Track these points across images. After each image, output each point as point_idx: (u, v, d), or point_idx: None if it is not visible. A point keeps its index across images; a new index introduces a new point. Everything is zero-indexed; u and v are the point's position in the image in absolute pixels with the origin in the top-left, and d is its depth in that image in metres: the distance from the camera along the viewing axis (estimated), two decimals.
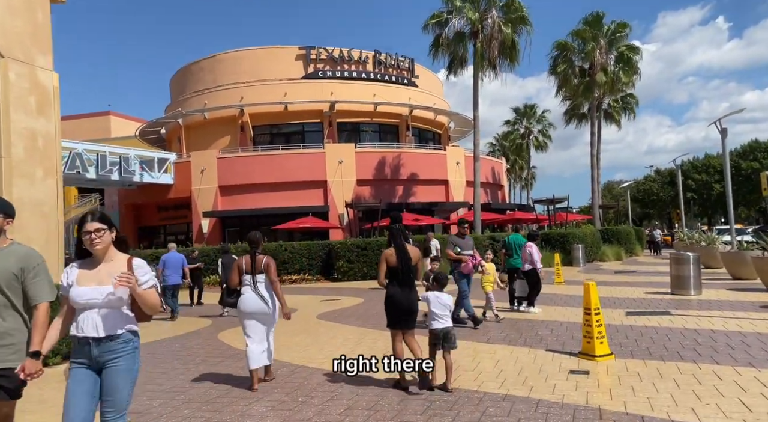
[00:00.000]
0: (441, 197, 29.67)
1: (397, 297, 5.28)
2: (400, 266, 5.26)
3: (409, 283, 5.31)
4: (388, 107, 31.10)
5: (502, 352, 6.94)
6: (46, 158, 7.76)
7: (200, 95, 31.68)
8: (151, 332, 9.97)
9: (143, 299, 3.04)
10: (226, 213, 27.73)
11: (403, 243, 5.35)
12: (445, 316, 5.34)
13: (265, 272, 5.72)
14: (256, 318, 5.70)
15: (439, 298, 5.40)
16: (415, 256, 5.39)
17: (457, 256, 8.91)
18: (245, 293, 5.72)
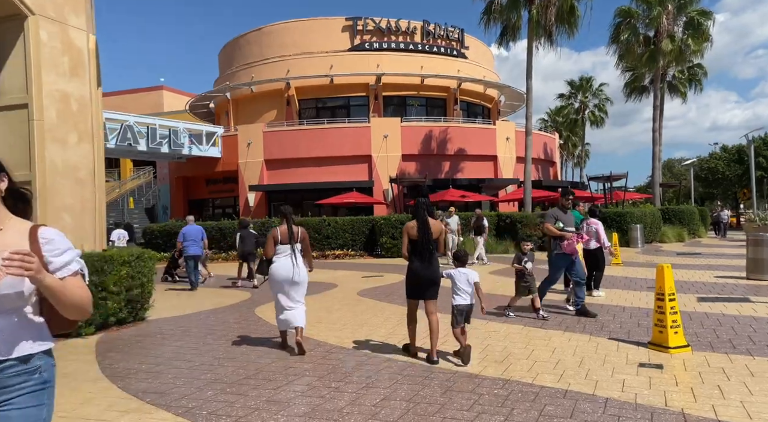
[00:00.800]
0: (489, 174, 28.57)
1: (417, 270, 5.36)
2: (421, 239, 5.33)
3: (430, 256, 5.37)
4: (435, 79, 30.01)
5: (558, 339, 6.24)
6: (80, 121, 7.51)
7: (247, 69, 31.56)
8: (190, 304, 9.81)
9: (59, 295, 1.78)
10: (272, 187, 27.70)
11: (426, 217, 5.39)
12: (466, 293, 5.40)
13: (301, 243, 6.07)
14: (290, 285, 5.91)
15: (464, 274, 5.45)
16: (437, 230, 5.45)
17: (559, 232, 7.51)
18: (280, 261, 5.93)
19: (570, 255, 7.58)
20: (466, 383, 4.64)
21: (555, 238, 7.59)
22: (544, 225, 7.74)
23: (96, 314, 6.93)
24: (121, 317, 7.34)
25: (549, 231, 7.66)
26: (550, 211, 8.03)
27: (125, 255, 7.40)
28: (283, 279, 5.85)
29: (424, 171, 26.67)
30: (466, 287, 5.39)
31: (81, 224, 7.45)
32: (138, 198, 40.23)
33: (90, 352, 6.00)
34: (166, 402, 4.23)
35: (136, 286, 7.54)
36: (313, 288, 11.21)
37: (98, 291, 6.93)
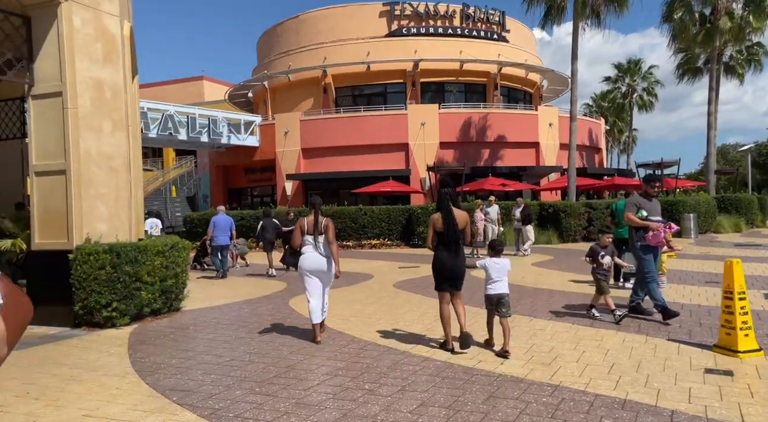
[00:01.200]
0: (531, 161, 27.68)
1: (443, 261, 5.33)
2: (446, 230, 5.28)
3: (456, 247, 5.31)
4: (475, 64, 29.18)
5: (611, 340, 5.76)
6: (114, 109, 7.42)
7: (284, 57, 31.51)
8: (224, 293, 9.73)
9: None
10: (308, 176, 27.68)
11: (450, 207, 5.33)
12: (501, 282, 5.36)
13: (324, 233, 5.99)
14: (316, 276, 6.00)
15: (498, 263, 5.41)
16: (463, 220, 5.38)
17: (642, 222, 6.73)
18: (306, 252, 5.99)
19: (656, 247, 6.80)
20: (512, 388, 4.26)
21: (638, 229, 6.83)
22: (626, 215, 6.91)
23: (130, 305, 6.87)
24: (156, 307, 7.27)
25: (631, 221, 6.85)
26: (631, 198, 7.21)
27: (159, 245, 7.31)
28: (310, 269, 5.96)
29: (462, 159, 26.05)
30: (500, 277, 5.36)
31: (116, 214, 7.40)
32: (180, 187, 41.11)
33: (122, 344, 5.92)
34: (192, 401, 4.03)
35: (170, 276, 7.45)
36: (348, 279, 11.03)
37: (132, 281, 6.86)
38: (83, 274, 6.55)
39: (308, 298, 6.00)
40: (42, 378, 4.68)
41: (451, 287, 5.40)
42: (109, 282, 6.62)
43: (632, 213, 6.83)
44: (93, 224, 7.09)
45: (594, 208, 20.14)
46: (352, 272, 12.45)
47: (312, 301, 5.96)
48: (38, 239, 7.02)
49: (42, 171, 6.98)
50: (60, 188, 6.89)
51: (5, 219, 7.34)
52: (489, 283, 5.41)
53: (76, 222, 6.88)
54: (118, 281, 6.68)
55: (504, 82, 30.73)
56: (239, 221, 21.83)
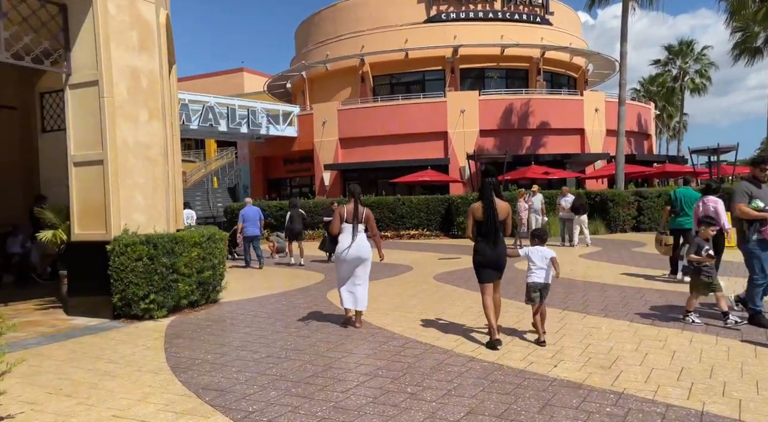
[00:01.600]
0: (575, 148, 26.64)
1: (483, 250, 5.23)
2: (486, 220, 5.16)
3: (495, 237, 5.19)
4: (517, 49, 28.21)
5: (676, 340, 5.25)
6: (150, 98, 7.32)
7: (322, 46, 31.34)
8: (262, 285, 9.61)
9: None
10: (346, 166, 27.51)
11: (492, 197, 5.19)
12: (541, 270, 5.31)
13: (365, 223, 6.10)
14: (353, 263, 6.02)
15: (541, 251, 5.36)
16: (504, 211, 5.25)
17: (759, 213, 5.78)
18: (345, 240, 6.03)
19: None
20: (569, 395, 3.86)
21: (752, 222, 5.85)
22: (736, 205, 5.94)
23: (168, 297, 6.77)
24: (193, 299, 7.17)
25: (745, 214, 5.86)
26: (739, 186, 6.12)
27: (196, 236, 7.19)
28: (347, 257, 5.99)
29: (503, 147, 25.30)
30: (542, 265, 5.31)
31: (153, 204, 7.31)
32: (221, 178, 41.79)
33: (159, 337, 5.80)
34: (225, 402, 3.81)
35: (207, 268, 7.33)
36: (387, 271, 10.76)
37: (169, 273, 6.76)
38: (121, 265, 6.48)
39: (340, 283, 6.14)
40: (77, 373, 4.58)
41: (493, 277, 5.31)
42: (146, 274, 6.53)
43: (744, 204, 5.89)
44: (130, 214, 7.02)
45: (644, 196, 19.15)
46: (390, 264, 12.20)
47: (343, 288, 6.09)
48: (77, 229, 7.01)
49: (80, 161, 6.95)
50: (98, 179, 6.84)
51: (46, 210, 7.37)
52: (531, 271, 5.36)
53: (113, 213, 6.81)
54: (155, 272, 6.59)
55: (547, 66, 29.63)
56: (278, 211, 21.89)
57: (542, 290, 5.29)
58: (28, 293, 9.15)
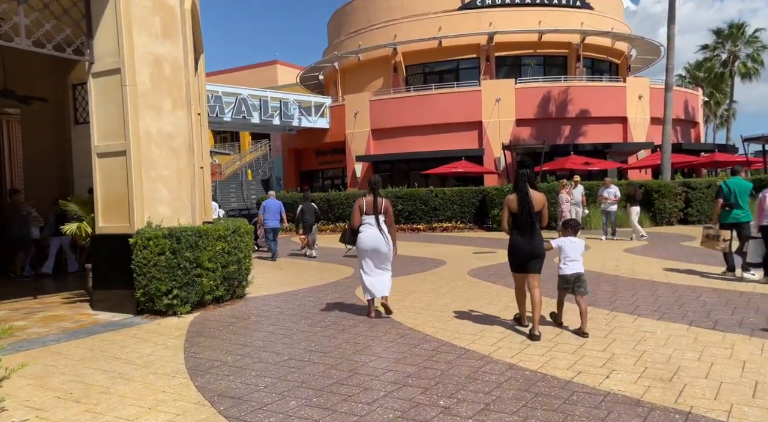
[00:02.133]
0: (617, 137, 25.49)
1: (518, 243, 5.24)
2: (521, 212, 5.16)
3: (532, 228, 5.16)
4: (555, 35, 27.14)
5: (745, 348, 4.67)
6: (174, 87, 7.08)
7: (354, 36, 30.94)
8: (289, 279, 9.34)
9: None
10: (378, 157, 27.13)
11: (527, 189, 5.18)
12: (577, 261, 5.30)
13: (384, 214, 6.09)
14: (374, 255, 6.09)
15: (574, 242, 5.39)
16: (539, 202, 5.24)
17: None
18: (366, 231, 6.07)
19: None
20: (627, 414, 3.38)
21: None
22: None
23: (191, 292, 6.55)
24: (218, 295, 6.93)
25: None
26: None
27: (221, 229, 6.94)
28: (369, 248, 6.05)
29: (540, 137, 24.43)
30: (575, 257, 5.32)
31: (178, 197, 7.09)
32: (255, 170, 42.13)
33: (180, 335, 5.57)
34: (240, 413, 3.49)
35: (232, 262, 7.08)
36: (419, 266, 10.36)
37: (193, 268, 6.53)
38: (143, 260, 6.28)
39: (362, 275, 6.17)
40: (91, 375, 4.36)
41: (528, 269, 5.27)
42: (169, 269, 6.32)
43: None
44: (154, 207, 6.81)
45: (693, 187, 18.11)
46: (422, 258, 11.80)
47: (366, 278, 6.12)
48: (101, 222, 6.85)
49: (103, 152, 6.77)
50: (120, 170, 6.65)
51: (71, 202, 7.25)
52: (564, 263, 5.35)
53: (136, 205, 6.62)
54: (178, 267, 6.37)
55: (587, 52, 28.43)
56: None
57: (575, 281, 5.28)
58: (61, 285, 9.16)
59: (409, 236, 17.66)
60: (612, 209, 14.22)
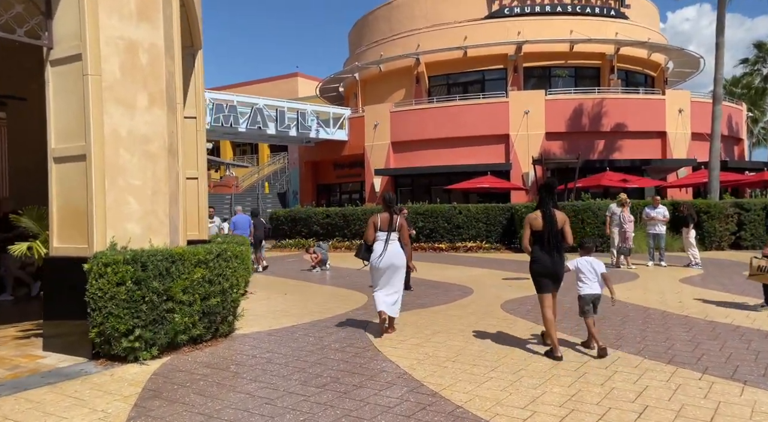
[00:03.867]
0: (655, 153, 23.76)
1: (542, 261, 5.21)
2: (546, 230, 5.14)
3: (556, 247, 5.16)
4: (588, 45, 25.68)
5: None
6: (152, 79, 5.89)
7: (376, 46, 29.92)
8: (291, 309, 7.96)
9: None
10: (398, 171, 25.82)
11: (551, 207, 5.20)
12: (592, 282, 5.28)
13: (398, 232, 6.12)
14: (388, 271, 6.09)
15: (591, 263, 5.35)
16: (561, 220, 5.23)
17: None
18: (378, 248, 6.08)
19: None
20: None
21: None
22: None
23: (160, 331, 5.24)
24: (196, 334, 5.61)
25: None
26: None
27: (201, 253, 5.64)
28: (381, 265, 6.06)
29: (572, 151, 22.87)
30: (591, 277, 5.32)
31: (151, 211, 5.84)
32: (273, 183, 41.24)
33: (131, 395, 4.24)
34: None
35: (215, 293, 5.76)
36: (443, 294, 8.92)
37: (162, 301, 5.23)
38: (98, 291, 5.00)
39: (375, 290, 6.17)
40: None
41: (552, 287, 5.29)
42: (130, 303, 5.02)
43: None
44: (121, 224, 5.56)
45: (746, 209, 16.35)
46: (446, 284, 10.37)
47: (379, 293, 6.11)
48: (57, 242, 5.61)
49: (60, 156, 5.56)
50: (79, 178, 5.42)
51: (24, 215, 6.03)
52: (581, 283, 5.34)
53: (97, 221, 5.37)
54: (142, 301, 5.07)
55: (621, 64, 26.86)
56: (325, 219, 20.49)
57: (594, 302, 5.31)
58: (23, 313, 7.92)
59: (431, 257, 16.20)
60: (661, 231, 12.61)
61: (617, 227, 12.54)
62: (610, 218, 12.82)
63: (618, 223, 12.53)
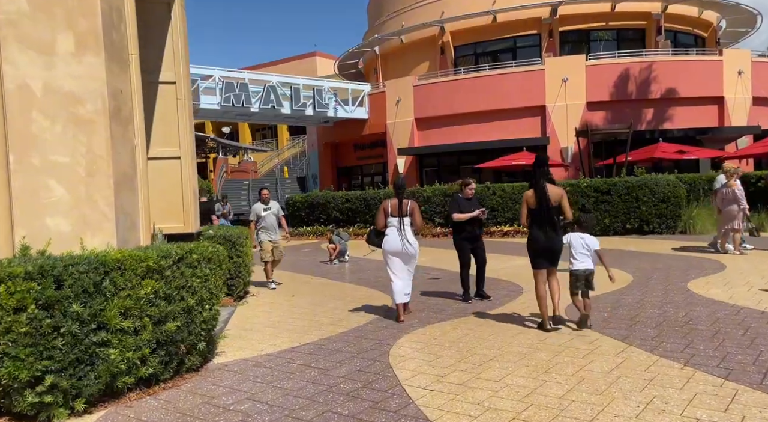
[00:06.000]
0: (711, 121, 21.24)
1: (537, 238, 5.36)
2: (539, 207, 5.30)
3: (551, 223, 5.29)
4: (631, 3, 23.11)
5: None
6: (79, 14, 4.18)
7: (396, 16, 27.75)
8: (294, 322, 6.24)
9: None
10: (423, 150, 23.88)
11: (543, 184, 5.30)
12: (585, 257, 5.35)
13: (410, 216, 6.07)
14: (400, 258, 6.04)
15: (583, 239, 5.39)
16: (556, 196, 5.31)
17: None
18: (391, 234, 6.04)
19: None
20: None
21: None
22: None
23: (89, 375, 3.59)
24: (147, 373, 3.94)
25: None
26: None
27: (152, 258, 3.95)
28: (393, 252, 6.03)
29: (616, 121, 20.55)
30: (584, 252, 5.35)
31: (86, 199, 4.18)
32: (293, 168, 39.72)
33: None
34: None
35: (174, 314, 4.07)
36: (488, 293, 7.00)
37: (90, 332, 3.57)
38: None
39: (391, 278, 6.08)
40: None
41: (548, 264, 5.39)
42: (36, 337, 3.38)
43: None
44: (39, 217, 3.93)
45: None
46: (489, 278, 8.47)
47: (395, 281, 6.01)
48: None
49: None
50: None
51: None
52: (573, 259, 5.39)
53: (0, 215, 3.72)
54: (56, 333, 3.42)
55: (668, 24, 24.18)
56: (345, 203, 18.79)
57: (587, 278, 5.34)
58: None
59: None
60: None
61: (732, 203, 10.20)
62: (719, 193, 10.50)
63: (732, 198, 10.21)
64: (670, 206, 14.15)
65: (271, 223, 8.63)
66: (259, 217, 8.65)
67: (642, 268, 9.10)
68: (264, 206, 8.71)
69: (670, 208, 14.15)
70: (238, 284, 7.49)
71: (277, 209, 8.84)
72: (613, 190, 14.38)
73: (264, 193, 8.87)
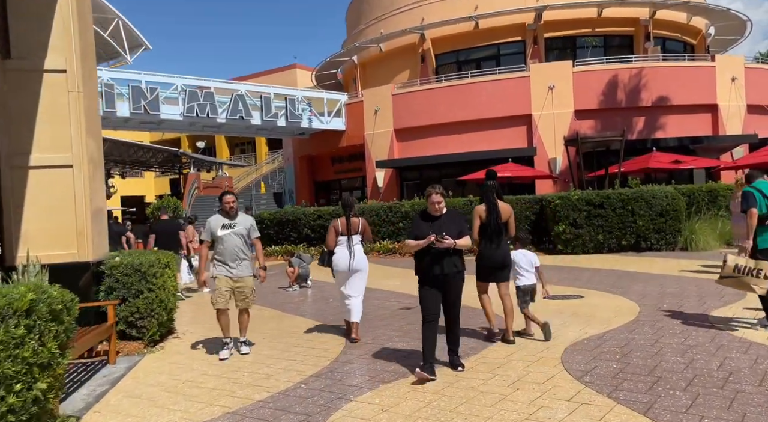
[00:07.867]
0: (705, 130, 20.17)
1: (487, 253, 5.42)
2: (489, 222, 5.39)
3: (499, 239, 5.41)
4: (619, 8, 22.19)
5: None
6: None
7: (376, 23, 26.61)
8: (238, 375, 4.67)
9: None
10: (403, 162, 22.53)
11: (495, 200, 5.46)
12: (529, 273, 5.56)
13: (362, 234, 6.04)
14: (350, 275, 5.95)
15: (525, 255, 5.62)
16: (506, 212, 5.50)
17: None
18: (339, 252, 5.94)
19: None
20: None
21: None
22: None
23: None
24: None
25: None
26: None
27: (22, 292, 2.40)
28: (343, 269, 5.92)
29: (605, 131, 19.36)
30: (528, 268, 5.56)
31: None
32: (270, 183, 38.16)
33: None
34: None
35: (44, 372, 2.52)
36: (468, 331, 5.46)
37: None
38: None
39: (344, 298, 5.99)
40: None
41: (495, 278, 5.48)
42: None
43: None
44: None
45: None
46: (467, 308, 6.89)
47: (349, 300, 5.92)
48: None
49: None
50: None
51: None
52: (519, 275, 5.58)
53: None
54: None
55: (657, 31, 23.27)
56: (316, 220, 17.25)
57: (532, 292, 5.56)
58: None
59: None
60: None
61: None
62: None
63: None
64: (669, 220, 12.85)
65: (232, 248, 5.50)
66: (214, 238, 5.57)
67: (647, 294, 7.69)
68: (225, 221, 5.59)
69: (670, 222, 12.85)
70: (151, 326, 5.92)
71: (247, 228, 5.68)
72: (606, 203, 13.04)
73: (227, 200, 5.68)
